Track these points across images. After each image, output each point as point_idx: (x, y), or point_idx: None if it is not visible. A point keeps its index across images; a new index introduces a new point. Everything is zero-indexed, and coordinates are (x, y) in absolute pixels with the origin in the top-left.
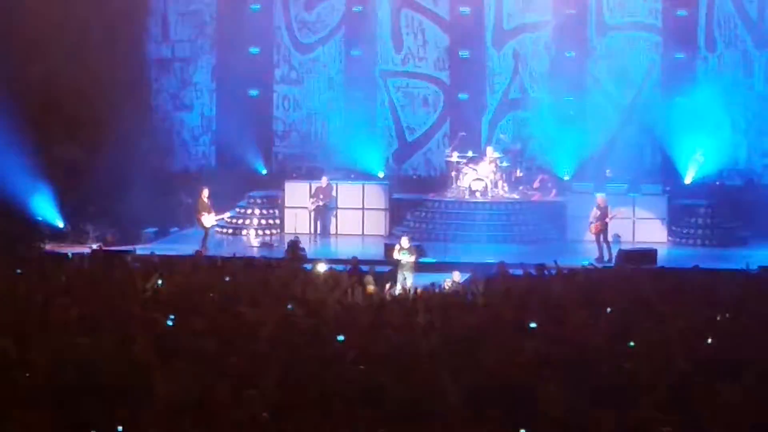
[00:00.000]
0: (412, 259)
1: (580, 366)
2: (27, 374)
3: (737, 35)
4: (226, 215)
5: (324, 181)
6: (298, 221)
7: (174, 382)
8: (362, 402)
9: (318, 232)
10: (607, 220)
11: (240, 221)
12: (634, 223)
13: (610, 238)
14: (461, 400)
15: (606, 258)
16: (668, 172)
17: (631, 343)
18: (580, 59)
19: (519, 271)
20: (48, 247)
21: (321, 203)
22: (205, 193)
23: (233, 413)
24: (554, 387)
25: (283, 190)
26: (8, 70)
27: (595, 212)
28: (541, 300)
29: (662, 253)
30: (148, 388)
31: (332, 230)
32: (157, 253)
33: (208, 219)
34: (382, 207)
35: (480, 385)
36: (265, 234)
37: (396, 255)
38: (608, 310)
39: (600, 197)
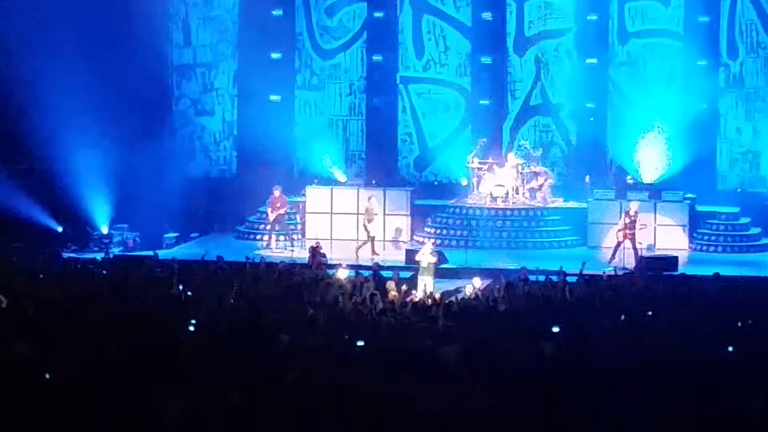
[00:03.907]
0: (433, 264)
1: (601, 371)
2: (46, 377)
3: (759, 42)
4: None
5: (277, 192)
6: (319, 226)
7: (191, 389)
8: (382, 408)
9: (285, 239)
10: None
11: (261, 226)
12: (655, 229)
13: (638, 246)
14: (482, 406)
15: (625, 264)
16: (689, 179)
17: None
18: (601, 66)
19: (540, 277)
20: (70, 252)
21: (282, 211)
22: (374, 201)
23: (250, 419)
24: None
25: (305, 195)
26: (30, 75)
27: (624, 219)
28: (562, 306)
29: (683, 259)
30: (166, 394)
31: (353, 236)
32: (178, 258)
33: (374, 226)
34: (404, 213)
35: (501, 391)
36: (286, 239)
37: (419, 258)
38: (626, 316)
39: (633, 205)
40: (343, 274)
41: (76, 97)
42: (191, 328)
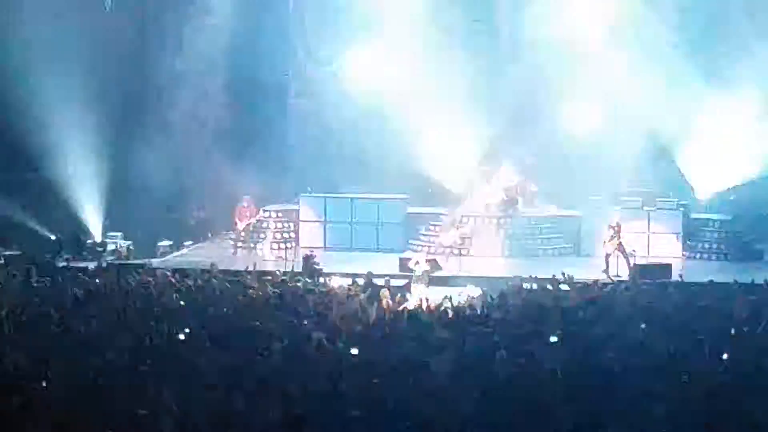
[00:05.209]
0: (426, 272)
1: (594, 380)
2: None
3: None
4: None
5: (247, 201)
6: (313, 235)
7: (187, 395)
8: (376, 416)
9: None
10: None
11: (255, 235)
12: (648, 237)
13: (628, 251)
14: (476, 415)
15: (618, 272)
16: (683, 186)
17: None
18: (594, 73)
19: (534, 285)
20: (64, 260)
21: (252, 220)
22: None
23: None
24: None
25: (299, 204)
26: (24, 84)
27: (608, 231)
28: (556, 314)
29: (677, 267)
30: (161, 401)
31: (347, 244)
32: (171, 266)
33: (449, 237)
34: (398, 221)
35: (495, 399)
36: (280, 247)
37: (413, 266)
38: (620, 325)
39: (614, 216)
40: (336, 282)
41: (70, 106)
42: (183, 337)
